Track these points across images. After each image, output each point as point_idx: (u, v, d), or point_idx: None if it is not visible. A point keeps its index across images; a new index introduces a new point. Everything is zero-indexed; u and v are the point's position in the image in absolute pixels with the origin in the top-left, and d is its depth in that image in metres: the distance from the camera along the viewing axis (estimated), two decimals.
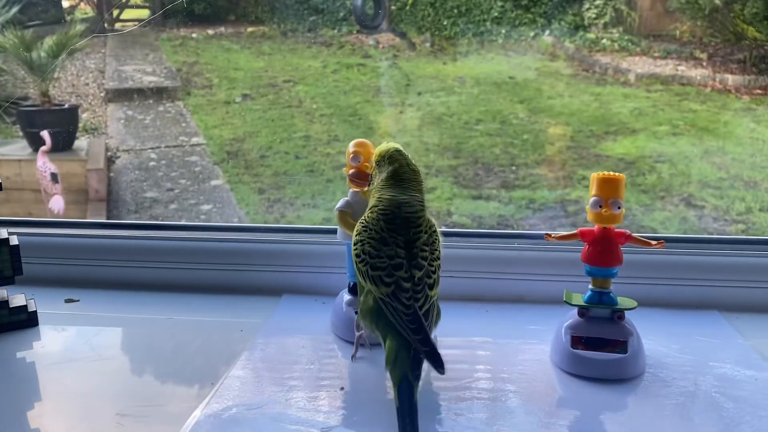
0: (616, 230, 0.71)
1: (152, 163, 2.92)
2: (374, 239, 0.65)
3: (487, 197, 2.71)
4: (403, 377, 0.61)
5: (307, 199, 2.76)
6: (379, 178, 0.69)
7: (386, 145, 0.69)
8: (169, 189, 2.79)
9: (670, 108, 3.04)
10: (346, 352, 0.76)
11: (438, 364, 0.61)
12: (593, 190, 0.70)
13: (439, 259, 0.66)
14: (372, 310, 0.65)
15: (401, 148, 0.69)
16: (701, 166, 2.77)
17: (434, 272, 0.65)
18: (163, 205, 2.72)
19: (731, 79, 3.00)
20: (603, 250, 0.70)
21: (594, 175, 0.70)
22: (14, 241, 0.80)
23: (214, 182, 2.84)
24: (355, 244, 0.67)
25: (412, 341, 0.62)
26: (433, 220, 0.67)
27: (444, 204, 2.64)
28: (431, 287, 0.64)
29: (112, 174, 2.81)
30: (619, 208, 0.69)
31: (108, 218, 2.58)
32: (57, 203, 2.45)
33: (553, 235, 0.74)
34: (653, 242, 0.70)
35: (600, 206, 0.69)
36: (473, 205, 2.66)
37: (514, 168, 2.85)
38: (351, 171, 0.75)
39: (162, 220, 2.61)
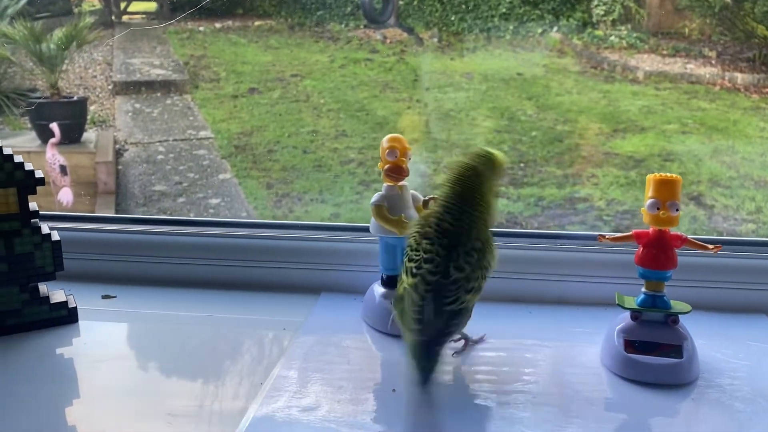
0: (671, 233, 0.70)
1: (160, 157, 2.91)
2: (419, 233, 0.66)
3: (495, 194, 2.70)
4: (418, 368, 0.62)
5: (315, 194, 2.75)
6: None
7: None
8: (178, 182, 2.78)
9: (678, 106, 3.03)
10: (391, 353, 0.75)
11: (422, 375, 0.62)
12: (650, 192, 0.69)
13: (487, 269, 0.66)
14: (401, 299, 0.66)
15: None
16: (711, 164, 2.76)
17: (477, 280, 0.65)
18: (171, 199, 2.71)
19: (740, 77, 3.00)
20: (658, 252, 0.69)
21: (650, 177, 0.69)
22: (56, 236, 0.78)
23: (222, 176, 2.83)
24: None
25: (412, 332, 0.62)
26: (492, 236, 0.67)
27: None
28: (468, 291, 0.64)
29: (120, 167, 2.79)
30: (677, 210, 0.68)
31: (116, 211, 2.57)
32: (66, 196, 2.43)
33: (607, 237, 0.73)
34: (710, 246, 0.69)
35: (657, 208, 0.68)
36: None
37: (522, 165, 2.84)
38: (387, 166, 0.76)
39: (171, 214, 2.60)
